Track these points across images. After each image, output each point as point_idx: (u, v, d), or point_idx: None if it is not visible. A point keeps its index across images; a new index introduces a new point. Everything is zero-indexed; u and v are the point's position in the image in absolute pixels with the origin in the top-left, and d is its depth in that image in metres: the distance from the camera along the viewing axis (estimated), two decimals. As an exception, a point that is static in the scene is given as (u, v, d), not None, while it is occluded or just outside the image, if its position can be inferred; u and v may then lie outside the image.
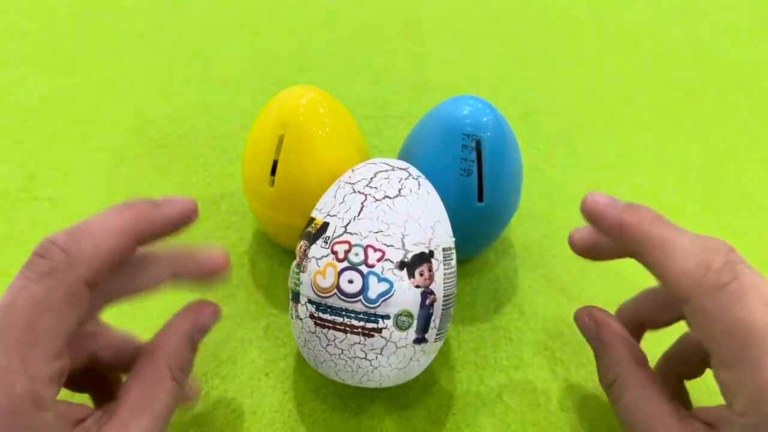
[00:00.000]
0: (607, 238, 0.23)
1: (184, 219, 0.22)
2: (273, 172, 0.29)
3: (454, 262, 0.25)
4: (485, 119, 0.28)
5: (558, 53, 0.53)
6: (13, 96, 0.45)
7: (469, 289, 0.33)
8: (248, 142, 0.31)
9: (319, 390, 0.28)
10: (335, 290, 0.23)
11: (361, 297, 0.23)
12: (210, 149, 0.41)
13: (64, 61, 0.49)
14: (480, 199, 0.28)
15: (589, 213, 0.23)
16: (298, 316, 0.25)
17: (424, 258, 0.23)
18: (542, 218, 0.37)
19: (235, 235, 0.35)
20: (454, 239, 0.26)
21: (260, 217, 0.32)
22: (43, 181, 0.38)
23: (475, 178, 0.28)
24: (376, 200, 0.24)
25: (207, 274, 0.23)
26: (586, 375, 0.29)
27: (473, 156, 0.28)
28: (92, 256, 0.19)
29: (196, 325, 0.23)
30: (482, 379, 0.29)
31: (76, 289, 0.19)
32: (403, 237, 0.23)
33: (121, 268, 0.21)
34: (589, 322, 0.25)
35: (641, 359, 0.24)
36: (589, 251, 0.25)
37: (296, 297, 0.25)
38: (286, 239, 0.32)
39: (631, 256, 0.22)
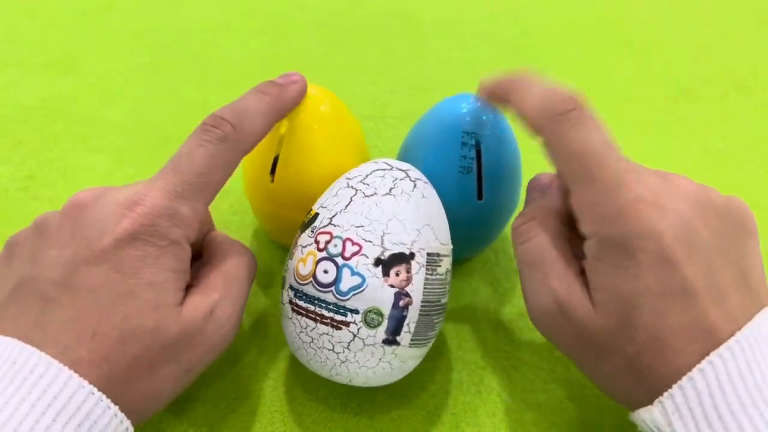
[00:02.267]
0: (493, 103, 0.27)
1: (301, 96, 0.27)
2: (273, 170, 0.29)
3: (442, 270, 0.25)
4: (485, 117, 0.28)
5: (557, 53, 0.53)
6: (13, 96, 0.45)
7: (469, 289, 0.33)
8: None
9: (319, 390, 0.28)
10: (311, 278, 0.23)
11: (333, 288, 0.23)
12: (210, 149, 0.41)
13: (64, 61, 0.49)
14: (479, 197, 0.28)
15: (480, 91, 0.27)
16: (282, 302, 0.25)
17: (402, 258, 0.23)
18: (542, 218, 0.37)
19: (235, 235, 0.35)
20: (448, 246, 0.25)
21: (260, 214, 0.32)
22: (43, 181, 0.38)
23: (474, 176, 0.28)
24: (365, 196, 0.24)
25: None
26: (586, 375, 0.29)
27: (472, 154, 0.28)
28: (250, 134, 0.24)
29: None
30: (482, 379, 0.29)
31: (237, 158, 0.24)
32: (384, 235, 0.23)
33: None
34: (545, 180, 0.26)
35: (563, 213, 0.25)
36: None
37: (283, 282, 0.25)
38: (285, 237, 0.32)
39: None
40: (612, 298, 0.21)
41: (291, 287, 0.24)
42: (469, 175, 0.28)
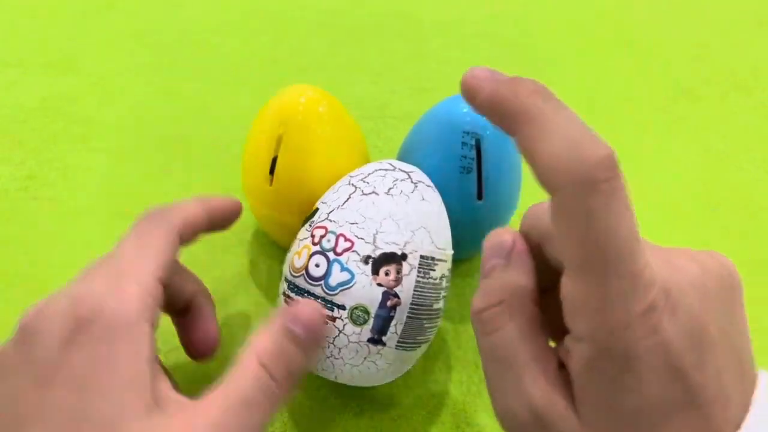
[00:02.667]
0: (486, 117, 0.19)
1: (235, 211, 0.27)
2: (271, 170, 0.29)
3: (437, 275, 0.24)
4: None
5: (558, 53, 0.53)
6: (13, 96, 0.45)
7: (469, 289, 0.33)
8: (247, 140, 0.31)
9: (319, 390, 0.28)
10: (304, 271, 0.24)
11: (322, 282, 0.23)
12: (210, 149, 0.41)
13: (64, 61, 0.49)
14: (480, 197, 0.28)
15: (466, 89, 0.20)
16: (279, 294, 0.26)
17: (393, 258, 0.23)
18: (542, 218, 0.37)
19: (235, 236, 0.35)
20: (445, 252, 0.25)
21: (258, 215, 0.32)
22: (43, 181, 0.38)
23: (474, 176, 0.28)
24: (363, 194, 0.25)
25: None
26: (586, 375, 0.29)
27: (473, 154, 0.28)
28: (181, 211, 0.24)
29: (292, 316, 0.22)
30: (482, 378, 0.29)
31: (171, 230, 0.23)
32: (377, 233, 0.23)
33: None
34: (508, 241, 0.21)
35: (534, 290, 0.20)
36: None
37: (281, 275, 0.26)
38: (283, 237, 0.32)
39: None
40: (604, 414, 0.18)
41: (286, 279, 0.25)
42: (470, 175, 0.28)
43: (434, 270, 0.24)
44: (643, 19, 0.58)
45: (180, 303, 0.26)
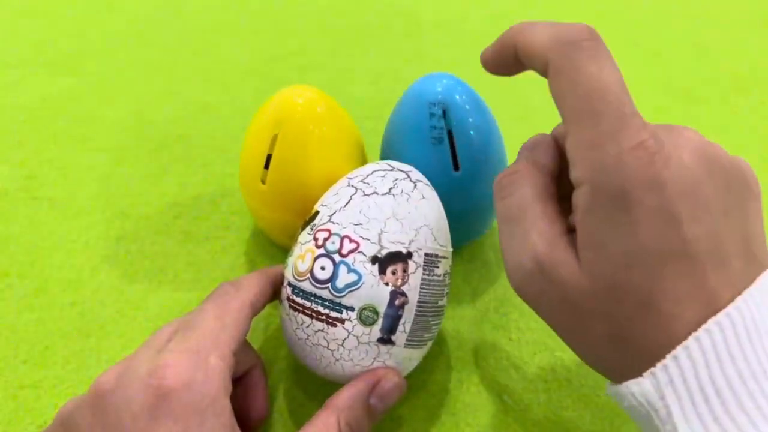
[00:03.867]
0: (504, 61, 0.23)
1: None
2: (267, 165, 0.29)
3: (440, 272, 0.25)
4: (450, 88, 0.28)
5: (558, 53, 0.53)
6: (13, 96, 0.45)
7: (469, 288, 0.33)
8: (245, 140, 0.31)
9: (320, 390, 0.28)
10: (308, 275, 0.24)
11: (329, 285, 0.23)
12: (210, 149, 0.41)
13: (64, 61, 0.49)
14: (456, 167, 0.29)
15: (482, 61, 0.24)
16: (280, 299, 0.26)
17: (399, 257, 0.23)
18: (542, 218, 0.37)
19: (235, 235, 0.35)
20: (447, 249, 0.25)
21: (254, 214, 0.32)
22: (43, 181, 0.38)
23: (447, 146, 0.28)
24: (365, 195, 0.25)
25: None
26: (587, 374, 0.29)
27: (442, 123, 0.28)
28: (249, 285, 0.25)
29: (374, 390, 0.24)
30: (482, 378, 0.29)
31: (246, 304, 0.24)
32: (381, 233, 0.23)
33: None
34: (540, 138, 0.23)
35: (552, 170, 0.22)
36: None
37: (283, 280, 0.26)
38: (279, 237, 0.32)
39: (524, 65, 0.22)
40: (601, 256, 0.18)
41: (289, 284, 0.25)
42: (442, 144, 0.28)
43: (438, 267, 0.24)
44: (643, 19, 0.58)
45: (237, 373, 0.25)
